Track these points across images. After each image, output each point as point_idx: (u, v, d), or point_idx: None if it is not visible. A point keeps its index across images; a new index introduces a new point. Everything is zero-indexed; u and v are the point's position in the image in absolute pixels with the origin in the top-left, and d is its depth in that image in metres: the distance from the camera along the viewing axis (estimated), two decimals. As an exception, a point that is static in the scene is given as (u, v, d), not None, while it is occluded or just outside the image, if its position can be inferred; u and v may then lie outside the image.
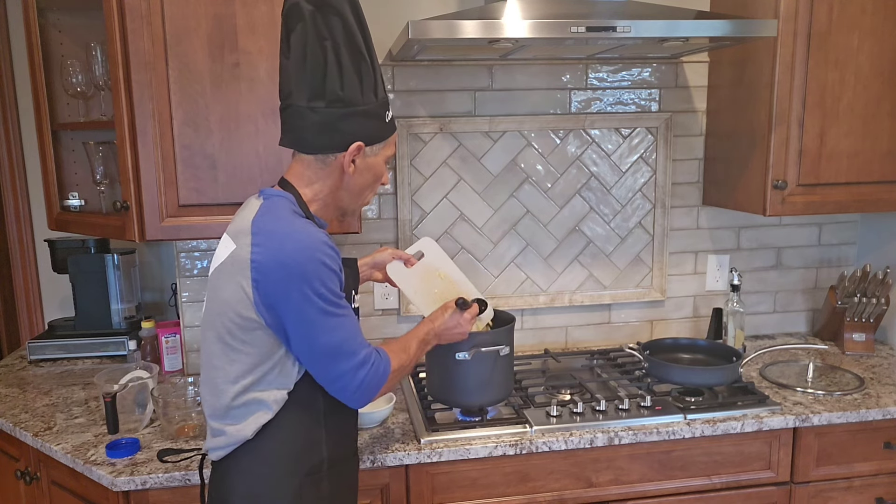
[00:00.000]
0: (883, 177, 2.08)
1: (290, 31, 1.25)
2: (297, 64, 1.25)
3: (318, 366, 1.26)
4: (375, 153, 1.34)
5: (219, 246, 1.31)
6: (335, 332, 1.23)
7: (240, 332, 1.23)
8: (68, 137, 2.09)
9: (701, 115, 2.35)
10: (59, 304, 2.61)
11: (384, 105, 1.33)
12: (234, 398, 1.26)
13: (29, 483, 1.84)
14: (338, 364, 1.25)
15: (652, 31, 1.72)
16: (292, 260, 1.19)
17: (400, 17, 2.11)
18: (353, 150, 1.29)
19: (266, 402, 1.26)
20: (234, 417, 1.27)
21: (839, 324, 2.36)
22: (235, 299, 1.22)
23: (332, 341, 1.23)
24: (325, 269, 1.21)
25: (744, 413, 1.82)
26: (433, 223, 2.25)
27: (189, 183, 1.78)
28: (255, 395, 1.26)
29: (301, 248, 1.20)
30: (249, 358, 1.24)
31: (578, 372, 2.13)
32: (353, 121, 1.28)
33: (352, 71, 1.26)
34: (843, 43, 1.97)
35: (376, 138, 1.32)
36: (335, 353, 1.24)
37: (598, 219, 2.34)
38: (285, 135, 1.32)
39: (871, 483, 1.91)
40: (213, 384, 1.29)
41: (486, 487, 1.72)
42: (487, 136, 2.23)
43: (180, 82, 1.74)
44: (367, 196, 1.40)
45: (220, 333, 1.26)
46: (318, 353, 1.24)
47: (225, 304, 1.24)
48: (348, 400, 1.30)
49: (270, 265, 1.19)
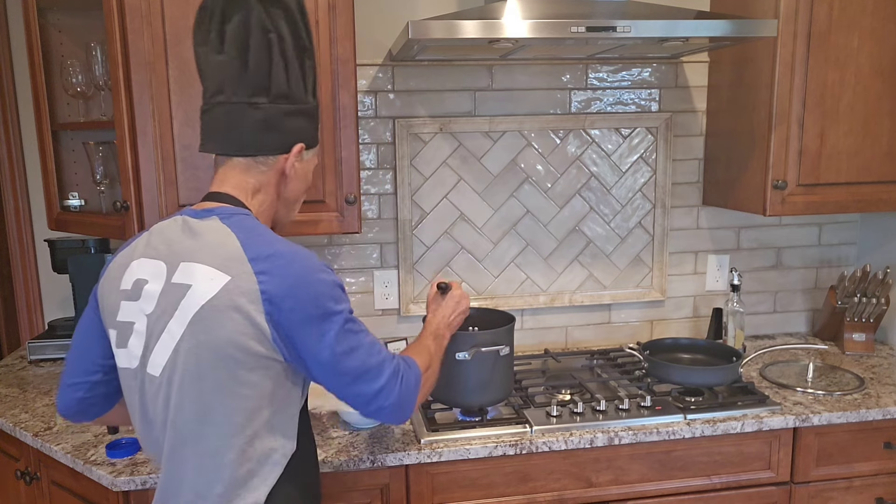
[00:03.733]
0: (883, 177, 2.08)
1: (226, 22, 1.13)
2: (235, 58, 1.13)
3: (349, 390, 1.15)
4: (309, 158, 1.25)
5: (188, 278, 1.08)
6: (359, 350, 1.13)
7: (244, 373, 1.06)
8: (68, 137, 2.09)
9: (701, 115, 2.35)
10: (59, 304, 2.61)
11: (318, 109, 1.25)
12: (241, 454, 1.08)
13: (29, 483, 1.84)
14: (370, 384, 1.14)
15: (652, 31, 1.72)
16: (303, 283, 1.08)
17: (400, 17, 2.11)
18: (297, 152, 1.19)
19: (275, 453, 1.11)
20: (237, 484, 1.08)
21: (839, 324, 2.36)
22: (240, 333, 1.04)
23: (358, 361, 1.13)
24: (338, 289, 1.12)
25: (744, 413, 1.82)
26: (433, 223, 2.25)
27: (189, 183, 1.78)
28: (262, 445, 1.10)
29: (308, 267, 1.10)
30: (252, 402, 1.07)
31: (578, 372, 2.13)
32: (297, 119, 1.18)
33: (297, 66, 1.16)
34: (843, 43, 1.97)
35: (313, 143, 1.24)
36: (364, 373, 1.14)
37: (598, 219, 2.34)
38: (211, 138, 1.18)
39: (871, 483, 1.91)
40: (205, 452, 1.08)
41: (486, 487, 1.72)
42: (487, 136, 2.23)
43: (180, 82, 1.74)
44: (296, 208, 1.28)
45: (218, 380, 1.06)
46: (347, 377, 1.13)
47: (225, 344, 1.05)
48: (390, 417, 1.19)
49: (282, 294, 1.06)
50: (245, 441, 1.08)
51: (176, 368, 1.07)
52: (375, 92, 2.16)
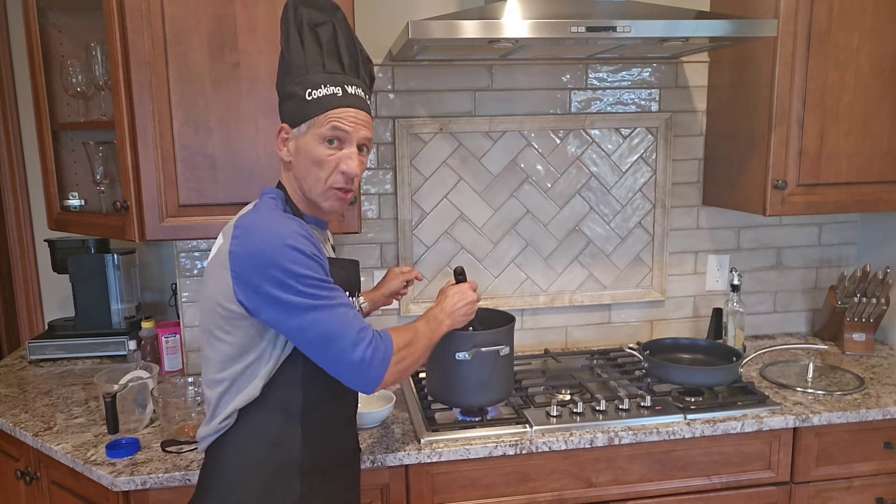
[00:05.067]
0: (883, 177, 2.08)
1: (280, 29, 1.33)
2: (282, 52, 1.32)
3: (312, 349, 1.24)
4: (304, 133, 1.29)
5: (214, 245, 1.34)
6: (320, 313, 1.21)
7: (224, 323, 1.26)
8: (68, 137, 2.09)
9: (701, 115, 2.35)
10: (59, 304, 2.61)
11: (308, 81, 1.27)
12: (219, 385, 1.28)
13: (29, 483, 1.84)
14: (331, 345, 1.23)
15: (652, 31, 1.72)
16: (262, 248, 1.20)
17: (400, 17, 2.11)
18: (279, 133, 1.33)
19: (247, 390, 1.27)
20: (220, 405, 1.30)
21: (839, 324, 2.36)
22: (218, 291, 1.25)
23: (319, 323, 1.21)
24: (297, 253, 1.20)
25: (744, 413, 1.82)
26: (433, 223, 2.25)
27: (189, 183, 1.78)
28: (237, 384, 1.27)
29: (270, 237, 1.21)
30: (232, 349, 1.26)
31: (578, 372, 2.13)
32: (284, 105, 1.32)
33: (300, 50, 1.29)
34: (843, 43, 1.97)
35: (298, 118, 1.29)
36: (326, 336, 1.22)
37: (598, 219, 2.34)
38: None
39: (871, 483, 1.91)
40: (205, 376, 1.33)
41: (486, 487, 1.72)
42: (487, 136, 2.23)
43: (180, 82, 1.74)
44: (316, 185, 1.30)
45: (207, 326, 1.29)
46: (307, 337, 1.23)
47: (210, 297, 1.27)
48: (353, 382, 1.27)
49: (243, 255, 1.21)
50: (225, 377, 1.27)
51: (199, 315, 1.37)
52: (375, 92, 2.15)
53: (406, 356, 1.33)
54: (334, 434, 1.39)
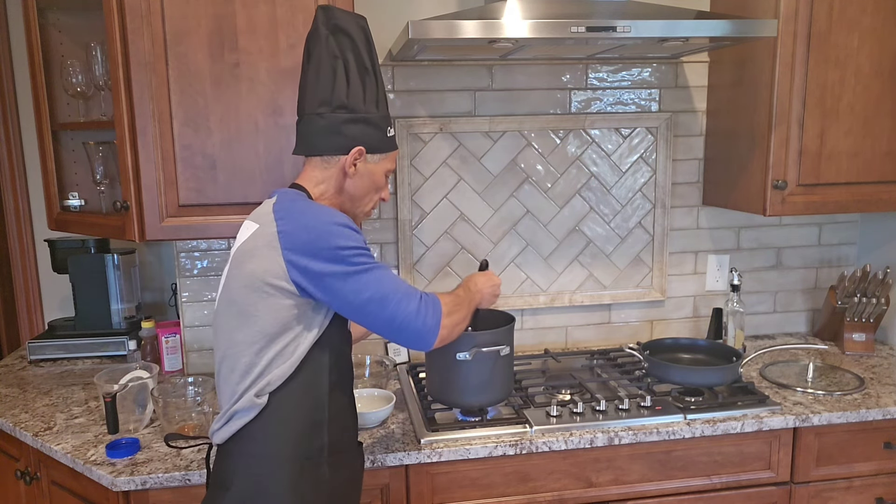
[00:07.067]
0: (883, 177, 2.08)
1: (311, 54, 1.41)
2: (312, 79, 1.40)
3: (369, 310, 1.31)
4: (376, 162, 1.45)
5: (239, 233, 1.39)
6: (372, 273, 1.31)
7: (261, 302, 1.28)
8: (68, 137, 2.09)
9: (701, 115, 2.35)
10: (59, 304, 2.61)
11: (385, 120, 1.45)
12: (251, 368, 1.29)
13: (29, 483, 1.84)
14: (388, 301, 1.31)
15: (652, 31, 1.72)
16: (314, 223, 1.29)
17: (400, 17, 2.11)
18: (355, 153, 1.40)
19: (279, 370, 1.30)
20: (251, 387, 1.30)
21: (839, 324, 2.36)
22: (263, 269, 1.28)
23: (374, 283, 1.30)
24: (346, 229, 1.30)
25: (744, 413, 1.82)
26: (433, 223, 2.25)
27: (189, 183, 1.78)
28: (272, 363, 1.30)
29: (321, 214, 1.31)
30: (270, 327, 1.29)
31: (578, 372, 2.13)
32: (356, 126, 1.40)
33: (358, 82, 1.40)
34: (843, 43, 1.97)
35: (377, 148, 1.43)
36: (383, 293, 1.31)
37: (598, 219, 2.34)
38: (297, 144, 1.44)
39: (871, 483, 1.91)
40: (231, 361, 1.32)
41: (486, 487, 1.72)
42: (487, 136, 2.23)
43: (180, 82, 1.74)
44: (366, 204, 1.48)
45: (242, 307, 1.30)
46: (364, 298, 1.30)
47: (251, 276, 1.29)
48: (412, 334, 1.34)
49: (296, 231, 1.28)
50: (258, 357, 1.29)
51: (220, 300, 1.37)
52: (375, 92, 2.15)
53: (453, 311, 1.44)
54: (350, 420, 1.44)
